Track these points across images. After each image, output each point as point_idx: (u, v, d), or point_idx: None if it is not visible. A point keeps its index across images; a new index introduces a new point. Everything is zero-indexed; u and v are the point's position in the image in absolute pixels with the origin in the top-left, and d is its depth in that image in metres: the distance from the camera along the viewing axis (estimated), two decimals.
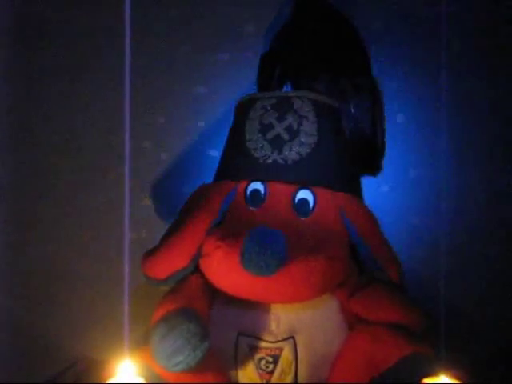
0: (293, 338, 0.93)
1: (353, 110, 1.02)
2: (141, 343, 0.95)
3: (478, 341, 1.16)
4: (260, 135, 0.96)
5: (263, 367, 0.93)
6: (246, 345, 0.93)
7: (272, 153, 0.95)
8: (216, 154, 1.13)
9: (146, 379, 0.83)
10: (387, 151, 1.09)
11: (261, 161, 0.95)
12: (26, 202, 1.24)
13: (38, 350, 1.22)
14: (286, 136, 0.95)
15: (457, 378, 0.83)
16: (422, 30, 1.19)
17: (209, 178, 1.05)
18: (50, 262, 1.23)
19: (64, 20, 1.22)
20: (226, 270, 0.90)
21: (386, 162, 1.10)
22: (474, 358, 1.04)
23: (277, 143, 0.95)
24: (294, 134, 0.95)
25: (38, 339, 1.22)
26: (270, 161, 0.95)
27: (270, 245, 0.85)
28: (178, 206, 1.02)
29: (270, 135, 0.96)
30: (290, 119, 0.96)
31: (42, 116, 1.23)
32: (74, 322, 1.21)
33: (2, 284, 1.23)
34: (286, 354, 0.93)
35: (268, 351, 0.93)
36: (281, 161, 0.94)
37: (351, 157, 1.01)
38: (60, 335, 1.21)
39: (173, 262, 0.95)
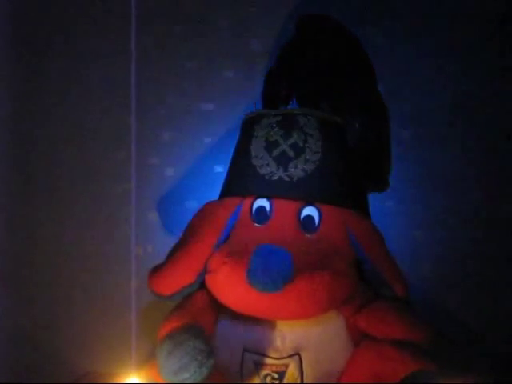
0: (298, 354, 0.93)
1: (358, 127, 1.03)
2: (148, 358, 0.95)
3: (484, 355, 1.16)
4: (266, 152, 0.96)
5: None
6: (251, 361, 0.93)
7: (277, 170, 0.95)
8: (222, 169, 1.14)
9: None
10: (392, 166, 1.09)
11: (266, 177, 0.95)
12: (32, 215, 1.24)
13: (45, 364, 1.22)
14: (291, 153, 0.96)
15: None
16: (426, 46, 1.19)
17: (215, 193, 1.06)
18: (56, 277, 1.23)
19: (71, 36, 1.23)
20: (231, 287, 0.90)
21: (390, 177, 1.10)
22: (479, 371, 1.04)
23: (282, 160, 0.95)
24: (299, 151, 0.96)
25: (45, 354, 1.22)
26: (275, 178, 0.95)
27: (276, 262, 0.86)
28: (184, 222, 1.03)
29: (275, 152, 0.96)
30: (295, 136, 0.96)
31: (48, 129, 1.24)
32: (80, 337, 1.21)
33: (8, 299, 1.24)
34: (292, 370, 0.93)
35: (273, 368, 0.93)
36: (286, 178, 0.95)
37: (357, 173, 1.01)
38: (67, 350, 1.21)
39: (179, 278, 0.96)
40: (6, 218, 1.25)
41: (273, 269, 0.85)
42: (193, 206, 1.10)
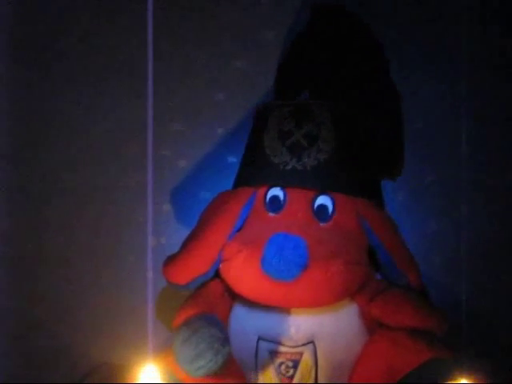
0: (313, 342, 0.93)
1: (371, 116, 1.03)
2: (164, 347, 0.95)
3: (499, 345, 1.16)
4: (279, 142, 0.97)
5: (283, 372, 0.94)
6: (266, 349, 0.94)
7: (291, 159, 0.96)
8: (235, 160, 1.14)
9: None
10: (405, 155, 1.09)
11: (280, 167, 0.96)
12: (49, 207, 1.25)
13: (60, 355, 1.23)
14: (304, 143, 0.96)
15: (476, 382, 0.83)
16: (440, 34, 1.19)
17: (228, 184, 1.06)
18: (72, 268, 1.24)
19: (86, 29, 1.23)
20: (246, 275, 0.90)
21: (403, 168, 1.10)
22: (495, 362, 1.04)
23: (296, 150, 0.96)
24: (312, 140, 0.96)
25: (60, 345, 1.23)
26: (289, 167, 0.95)
27: (291, 250, 0.86)
28: (197, 212, 1.03)
29: (288, 142, 0.96)
30: (309, 126, 0.97)
31: (63, 124, 1.25)
32: (97, 328, 1.22)
33: (23, 290, 1.25)
34: (306, 358, 0.93)
35: (288, 356, 0.94)
36: (300, 167, 0.95)
37: (370, 162, 1.02)
38: (83, 341, 1.22)
39: (193, 267, 0.96)
40: (22, 211, 1.26)
41: (287, 257, 0.86)
42: (206, 196, 1.10)
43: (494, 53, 1.18)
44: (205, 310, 0.91)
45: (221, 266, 0.95)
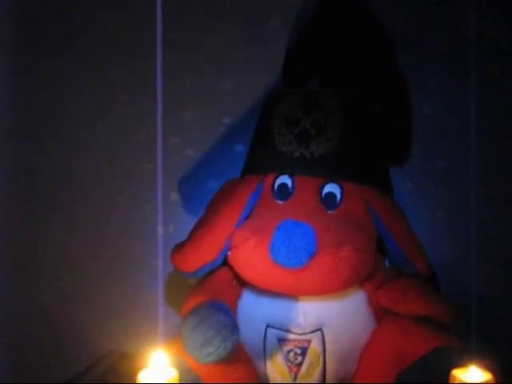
0: (321, 330, 0.93)
1: (379, 103, 1.02)
2: (174, 335, 0.96)
3: (509, 334, 1.16)
4: (287, 130, 0.97)
5: (291, 359, 0.94)
6: (274, 337, 0.94)
7: (299, 147, 0.96)
8: (242, 149, 1.14)
9: (178, 371, 0.84)
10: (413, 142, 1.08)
11: (288, 155, 0.96)
12: (58, 196, 1.26)
13: (69, 343, 1.24)
14: (312, 131, 0.96)
15: (486, 369, 0.83)
16: (448, 18, 1.18)
17: (235, 173, 1.06)
18: (82, 257, 1.25)
19: (93, 16, 1.23)
20: (255, 262, 0.90)
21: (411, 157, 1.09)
22: (505, 350, 1.04)
23: (304, 138, 0.96)
24: (320, 128, 0.96)
25: (69, 333, 1.24)
26: (297, 155, 0.96)
27: (300, 237, 0.86)
28: (204, 201, 1.03)
29: (296, 130, 0.96)
30: (317, 114, 0.96)
31: (72, 113, 1.25)
32: (106, 316, 1.23)
33: (32, 276, 1.26)
34: (314, 346, 0.94)
35: (296, 343, 0.94)
36: (308, 155, 0.95)
37: (378, 149, 1.01)
38: (92, 329, 1.23)
39: (202, 255, 0.96)
40: (29, 200, 1.27)
41: (296, 244, 0.86)
42: (214, 185, 1.11)
43: (504, 38, 1.17)
44: (213, 297, 0.91)
45: (229, 253, 0.95)
